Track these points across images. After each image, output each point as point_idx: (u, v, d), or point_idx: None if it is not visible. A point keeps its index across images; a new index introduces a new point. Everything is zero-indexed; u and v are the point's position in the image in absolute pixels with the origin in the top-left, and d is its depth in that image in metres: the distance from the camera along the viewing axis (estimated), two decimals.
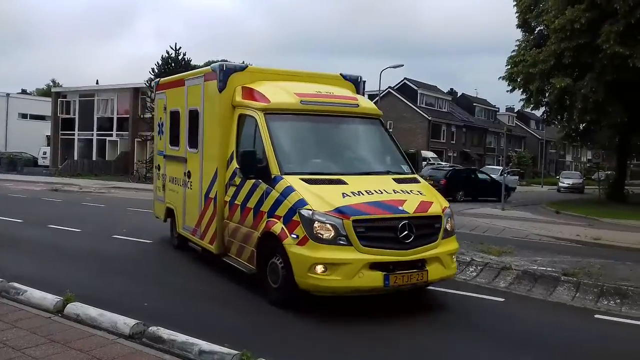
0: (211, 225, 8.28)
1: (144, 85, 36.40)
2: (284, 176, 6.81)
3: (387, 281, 6.24)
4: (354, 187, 6.73)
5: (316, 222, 6.25)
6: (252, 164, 7.04)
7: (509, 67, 26.43)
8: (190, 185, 9.18)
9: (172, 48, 36.98)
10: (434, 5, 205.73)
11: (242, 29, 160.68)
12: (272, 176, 6.90)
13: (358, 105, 7.99)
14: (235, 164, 7.80)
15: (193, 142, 9.13)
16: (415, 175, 7.75)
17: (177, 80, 10.02)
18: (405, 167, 7.85)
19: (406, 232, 6.40)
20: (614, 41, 22.41)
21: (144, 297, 7.13)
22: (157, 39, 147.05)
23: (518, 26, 28.89)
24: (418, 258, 6.48)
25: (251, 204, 7.28)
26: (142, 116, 38.18)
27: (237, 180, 7.67)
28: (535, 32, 28.46)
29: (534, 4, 26.73)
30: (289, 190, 6.62)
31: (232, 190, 7.83)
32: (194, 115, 9.10)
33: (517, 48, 28.30)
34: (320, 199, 6.43)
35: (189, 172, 9.24)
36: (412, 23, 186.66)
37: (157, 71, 35.83)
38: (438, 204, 6.96)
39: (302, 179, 6.76)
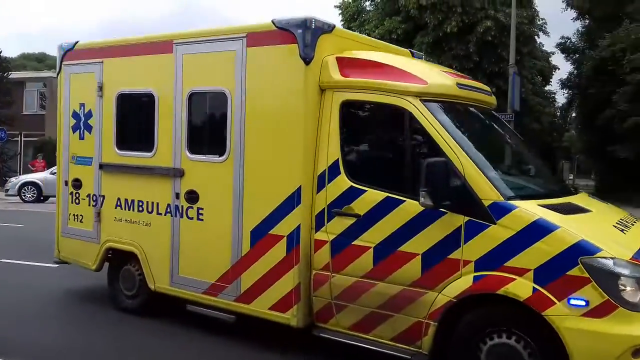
0: (280, 279, 4.92)
1: None
2: (515, 202, 4.09)
3: None
4: (602, 216, 4.41)
5: (621, 277, 3.77)
6: (448, 183, 4.12)
7: None
8: (199, 214, 5.49)
9: None
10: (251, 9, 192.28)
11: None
12: (486, 203, 4.10)
13: (491, 94, 5.57)
14: (345, 181, 4.67)
15: (205, 143, 5.51)
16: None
17: (145, 45, 6.00)
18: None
19: None
20: (425, 51, 23.43)
21: None
22: None
23: None
24: None
25: (414, 247, 4.31)
26: None
27: (358, 206, 4.58)
28: None
29: (357, 13, 26.87)
30: (542, 226, 3.88)
31: (342, 222, 4.66)
32: (209, 101, 5.51)
33: None
34: (609, 240, 3.94)
35: (191, 192, 5.52)
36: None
37: None
38: None
39: (544, 206, 4.15)
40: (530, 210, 4.01)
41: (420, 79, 4.59)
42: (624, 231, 4.16)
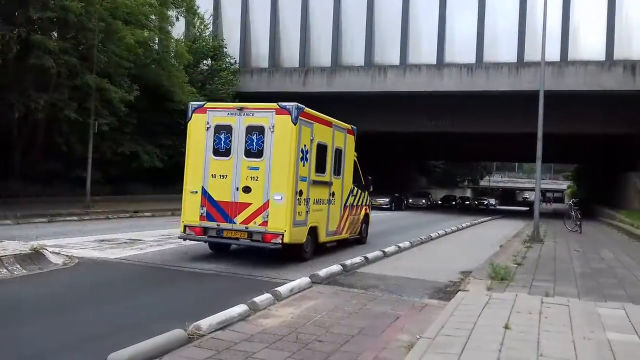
0: (346, 222, 12.93)
1: None
2: None
3: None
4: None
5: None
6: None
7: None
8: (334, 201, 11.99)
9: None
10: None
11: None
12: None
13: None
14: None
15: (337, 171, 12.07)
16: None
17: (325, 120, 11.10)
18: None
19: None
20: None
21: None
22: None
23: None
24: None
25: (355, 203, 14.05)
26: None
27: (355, 190, 13.64)
28: None
29: None
30: None
31: (351, 199, 13.42)
32: (337, 152, 12.05)
33: None
34: None
35: (333, 192, 11.89)
36: None
37: None
38: None
39: None
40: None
41: None
42: None
